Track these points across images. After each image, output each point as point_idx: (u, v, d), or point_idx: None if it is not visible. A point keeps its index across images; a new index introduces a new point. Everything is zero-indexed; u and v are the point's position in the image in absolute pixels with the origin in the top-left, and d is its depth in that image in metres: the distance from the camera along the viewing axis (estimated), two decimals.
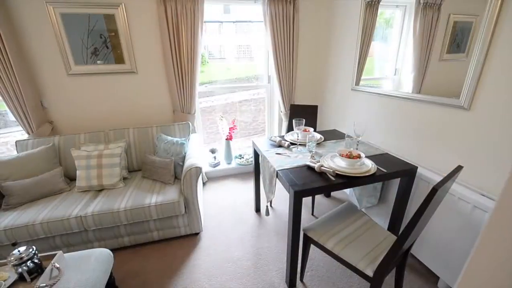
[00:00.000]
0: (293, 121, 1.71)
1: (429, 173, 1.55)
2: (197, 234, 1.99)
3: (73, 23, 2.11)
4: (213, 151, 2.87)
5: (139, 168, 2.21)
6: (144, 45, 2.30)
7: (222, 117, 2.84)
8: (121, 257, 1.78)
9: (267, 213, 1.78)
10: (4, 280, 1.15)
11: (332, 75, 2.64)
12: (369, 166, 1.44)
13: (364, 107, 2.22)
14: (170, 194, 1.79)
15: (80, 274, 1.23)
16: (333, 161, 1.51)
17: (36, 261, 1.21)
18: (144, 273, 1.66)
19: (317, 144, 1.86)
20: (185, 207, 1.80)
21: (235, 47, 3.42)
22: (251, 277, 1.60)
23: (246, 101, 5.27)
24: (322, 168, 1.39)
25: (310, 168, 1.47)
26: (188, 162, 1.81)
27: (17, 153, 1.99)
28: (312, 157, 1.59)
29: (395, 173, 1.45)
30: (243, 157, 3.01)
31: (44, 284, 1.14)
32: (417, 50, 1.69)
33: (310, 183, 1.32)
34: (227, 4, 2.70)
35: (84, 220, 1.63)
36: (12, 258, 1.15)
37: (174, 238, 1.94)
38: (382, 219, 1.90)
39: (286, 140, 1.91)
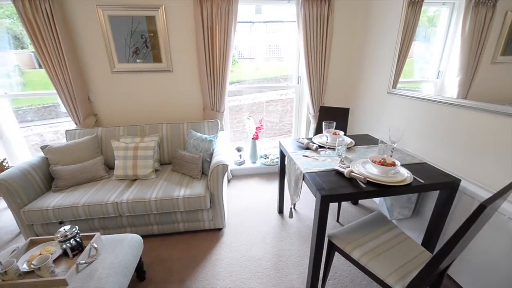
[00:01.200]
0: (323, 123, 1.66)
1: (474, 187, 1.40)
2: (220, 229, 2.04)
3: (119, 24, 2.29)
4: (239, 150, 2.91)
5: (170, 161, 2.33)
6: (180, 45, 2.41)
7: (249, 116, 2.87)
8: (150, 243, 1.90)
9: (291, 216, 1.76)
10: (51, 254, 1.29)
11: (367, 77, 2.52)
12: (405, 175, 1.35)
13: (401, 112, 2.08)
14: (197, 188, 1.86)
15: (114, 256, 1.33)
16: (364, 167, 1.44)
17: (78, 239, 1.34)
18: (169, 261, 1.74)
19: (347, 148, 1.79)
20: (210, 202, 1.85)
21: (264, 47, 3.43)
22: (271, 278, 1.60)
23: (273, 101, 5.26)
24: (352, 174, 1.33)
25: (338, 173, 1.42)
26: (216, 159, 1.86)
27: (66, 141, 2.21)
28: (341, 161, 1.54)
29: (434, 184, 1.33)
30: (268, 157, 3.00)
31: (84, 262, 1.26)
32: (466, 51, 1.54)
33: (338, 189, 1.27)
34: (260, 4, 2.71)
35: (120, 206, 1.76)
36: (58, 235, 1.28)
37: (198, 231, 2.01)
38: (415, 233, 1.76)
39: (314, 143, 1.86)
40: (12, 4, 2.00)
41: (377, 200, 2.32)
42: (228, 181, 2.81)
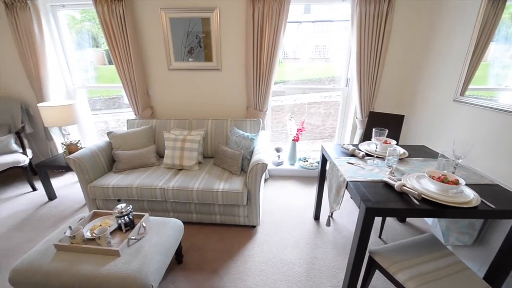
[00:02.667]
0: (373, 130, 1.54)
1: None
2: (254, 227, 2.06)
3: (177, 26, 2.48)
4: (278, 150, 2.90)
5: (212, 155, 2.44)
6: (230, 45, 2.50)
7: (291, 117, 2.84)
8: (189, 230, 2.03)
9: (328, 224, 1.68)
10: (109, 226, 1.47)
11: (428, 82, 2.26)
12: (470, 196, 1.17)
13: (469, 123, 1.81)
14: (236, 184, 1.91)
15: (159, 236, 1.46)
16: (420, 182, 1.29)
17: (130, 217, 1.50)
18: (205, 249, 1.84)
19: (399, 159, 1.63)
20: (247, 199, 1.89)
21: (310, 47, 3.35)
22: (302, 284, 1.56)
23: (316, 104, 5.09)
24: (404, 188, 1.21)
25: (387, 186, 1.31)
26: (256, 157, 1.88)
27: (127, 129, 2.50)
28: (391, 173, 1.41)
29: (509, 212, 1.13)
30: (307, 161, 2.93)
31: (134, 237, 1.41)
32: None
33: (386, 202, 1.17)
34: (310, 3, 2.64)
35: (166, 192, 1.92)
36: (116, 211, 1.45)
37: (233, 226, 2.07)
38: (476, 265, 1.52)
39: (361, 150, 1.75)
40: (93, 9, 2.34)
41: (429, 220, 2.06)
42: (265, 180, 2.82)
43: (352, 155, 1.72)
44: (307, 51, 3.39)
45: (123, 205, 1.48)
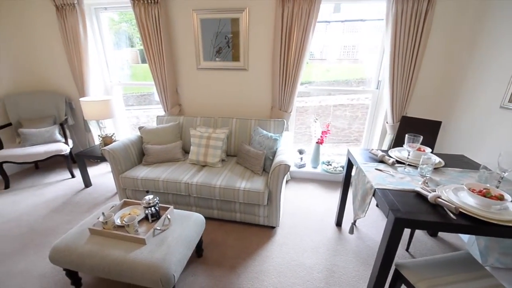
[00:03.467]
0: (406, 136, 1.45)
1: None
2: (273, 227, 2.06)
3: (207, 26, 2.55)
4: (300, 152, 2.86)
5: (235, 154, 2.48)
6: (257, 45, 2.52)
7: (316, 119, 2.78)
8: (210, 225, 2.08)
9: (351, 232, 1.62)
10: (137, 215, 1.56)
11: (470, 86, 2.07)
12: None
13: None
14: (257, 183, 1.92)
15: (182, 229, 1.51)
16: (457, 195, 1.19)
17: (156, 208, 1.57)
18: (224, 245, 1.87)
19: (434, 169, 1.52)
20: (267, 199, 1.89)
21: (338, 48, 3.25)
22: None
23: (342, 106, 4.93)
24: (439, 200, 1.12)
25: (419, 196, 1.22)
26: (279, 158, 1.87)
27: (156, 125, 2.63)
28: (424, 183, 1.31)
29: None
30: (330, 164, 2.85)
31: (159, 228, 1.47)
32: None
33: (418, 214, 1.09)
34: (340, 2, 2.54)
35: (190, 187, 1.99)
36: (144, 202, 1.53)
37: (253, 225, 2.08)
38: None
39: (391, 157, 1.65)
40: (131, 11, 2.50)
41: (465, 237, 1.89)
42: (286, 181, 2.80)
43: (381, 161, 1.64)
44: (335, 52, 3.30)
45: (151, 196, 1.56)
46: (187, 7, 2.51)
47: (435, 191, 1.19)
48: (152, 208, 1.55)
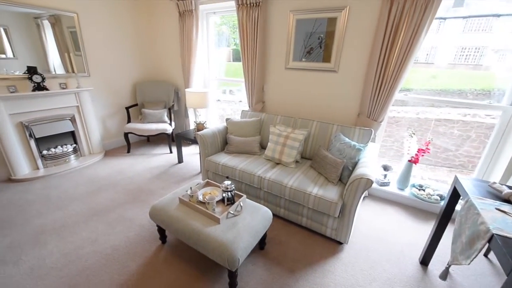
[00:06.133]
0: None
1: None
2: (340, 243, 1.90)
3: (302, 27, 2.55)
4: (386, 168, 2.51)
5: (310, 157, 2.41)
6: (352, 45, 2.34)
7: (413, 133, 2.36)
8: (274, 222, 2.11)
9: (443, 277, 1.31)
10: (216, 196, 1.73)
11: None
12: None
13: None
14: (331, 193, 1.81)
15: (251, 218, 1.60)
16: None
17: (232, 194, 1.71)
18: (286, 246, 1.86)
19: None
20: (340, 212, 1.75)
21: (454, 50, 2.65)
22: None
23: (449, 122, 4.02)
24: None
25: None
26: (361, 171, 1.70)
27: (240, 118, 2.85)
28: None
29: None
30: (423, 189, 2.38)
31: (232, 212, 1.60)
32: None
33: None
34: None
35: (262, 181, 2.07)
36: (223, 185, 1.70)
37: (318, 234, 1.99)
38: None
39: None
40: (231, 15, 2.76)
41: None
42: (363, 197, 2.52)
43: (507, 200, 1.25)
44: (447, 55, 2.74)
45: (229, 182, 1.71)
46: (285, 9, 2.58)
47: None
48: (229, 193, 1.69)
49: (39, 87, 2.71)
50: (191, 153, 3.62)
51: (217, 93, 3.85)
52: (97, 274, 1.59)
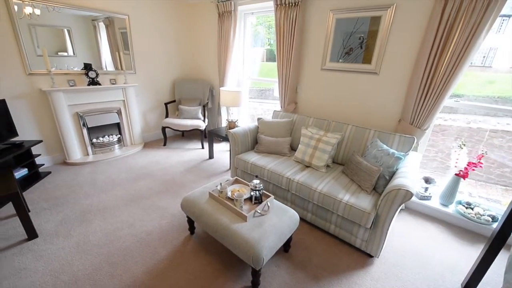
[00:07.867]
0: None
1: None
2: (371, 256, 1.79)
3: (342, 26, 2.45)
4: (427, 181, 2.30)
5: (342, 163, 2.31)
6: (397, 46, 2.18)
7: (464, 144, 2.12)
8: (301, 226, 2.07)
9: None
10: (244, 194, 1.76)
11: None
12: None
13: None
14: (363, 201, 1.71)
15: (278, 219, 1.58)
16: None
17: (260, 193, 1.72)
18: (311, 251, 1.82)
19: None
20: (372, 223, 1.65)
21: None
22: None
23: (507, 133, 3.54)
24: None
25: None
26: (399, 181, 1.58)
27: (272, 118, 2.84)
28: None
29: None
30: (472, 208, 2.13)
31: (259, 211, 1.61)
32: None
33: None
34: None
35: (291, 183, 2.04)
36: (252, 184, 1.71)
37: (346, 243, 1.90)
38: None
39: None
40: (267, 15, 2.76)
41: None
42: (400, 210, 2.34)
43: None
44: (510, 58, 2.45)
45: (258, 181, 1.71)
46: (325, 8, 2.51)
47: None
48: (257, 192, 1.70)
49: (93, 82, 3.03)
50: (222, 150, 3.72)
51: (249, 92, 3.89)
52: (133, 255, 1.72)
